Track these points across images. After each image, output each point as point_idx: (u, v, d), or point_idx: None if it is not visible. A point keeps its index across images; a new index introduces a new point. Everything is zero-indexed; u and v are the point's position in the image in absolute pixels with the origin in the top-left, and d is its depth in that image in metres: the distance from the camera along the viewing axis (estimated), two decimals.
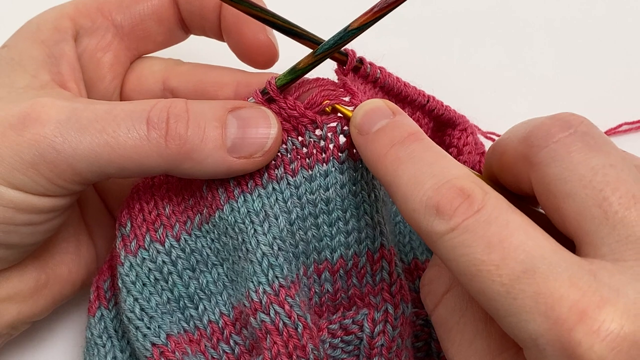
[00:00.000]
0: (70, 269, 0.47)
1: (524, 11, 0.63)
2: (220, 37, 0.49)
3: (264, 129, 0.42)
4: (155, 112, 0.41)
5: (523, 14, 0.63)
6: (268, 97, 0.43)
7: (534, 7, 0.64)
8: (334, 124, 0.44)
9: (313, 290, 0.44)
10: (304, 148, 0.44)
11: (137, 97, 0.50)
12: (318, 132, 0.44)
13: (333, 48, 0.43)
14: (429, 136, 0.49)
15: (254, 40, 0.45)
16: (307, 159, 0.44)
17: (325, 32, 0.44)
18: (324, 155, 0.44)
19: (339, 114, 0.44)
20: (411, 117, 0.49)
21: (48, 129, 0.40)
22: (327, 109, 0.44)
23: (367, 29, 0.42)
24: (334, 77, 0.45)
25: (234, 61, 0.49)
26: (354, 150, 0.44)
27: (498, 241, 0.32)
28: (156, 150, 0.40)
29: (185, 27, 0.50)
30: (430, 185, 0.35)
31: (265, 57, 0.47)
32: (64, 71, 0.45)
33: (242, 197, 0.43)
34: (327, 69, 0.45)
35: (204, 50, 0.53)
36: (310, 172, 0.44)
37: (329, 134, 0.43)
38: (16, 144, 0.39)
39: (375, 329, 0.43)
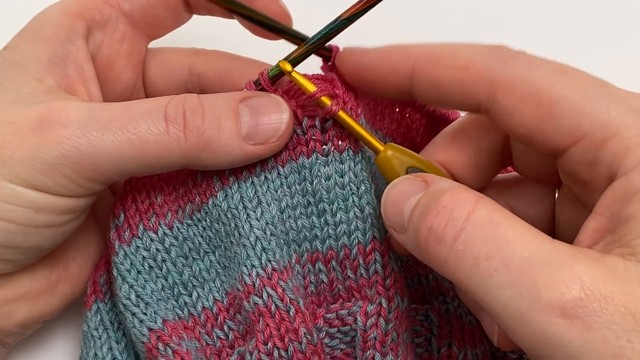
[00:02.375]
0: (80, 267, 0.48)
1: (522, 9, 0.64)
2: (227, 14, 0.49)
3: (276, 114, 0.43)
4: (171, 108, 0.42)
5: (521, 12, 0.64)
6: (260, 87, 0.44)
7: (532, 6, 0.64)
8: (332, 120, 0.44)
9: (308, 279, 0.45)
10: (291, 140, 0.44)
11: (163, 83, 0.51)
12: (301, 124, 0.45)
13: (324, 38, 0.44)
14: (421, 133, 0.50)
15: (266, 11, 0.45)
16: (293, 150, 0.44)
17: (316, 23, 0.45)
18: (307, 147, 0.44)
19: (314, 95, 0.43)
20: (402, 113, 0.50)
21: (70, 131, 0.40)
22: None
23: (357, 19, 0.43)
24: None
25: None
26: (339, 142, 0.44)
27: None
28: (176, 144, 0.41)
29: (189, 7, 0.50)
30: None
31: None
32: (70, 73, 0.45)
33: (236, 185, 0.44)
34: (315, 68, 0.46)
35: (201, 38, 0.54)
36: (296, 163, 0.44)
37: (311, 128, 0.44)
38: (37, 146, 0.40)
39: (368, 322, 0.43)
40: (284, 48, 0.46)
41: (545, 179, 0.43)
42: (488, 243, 0.34)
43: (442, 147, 0.44)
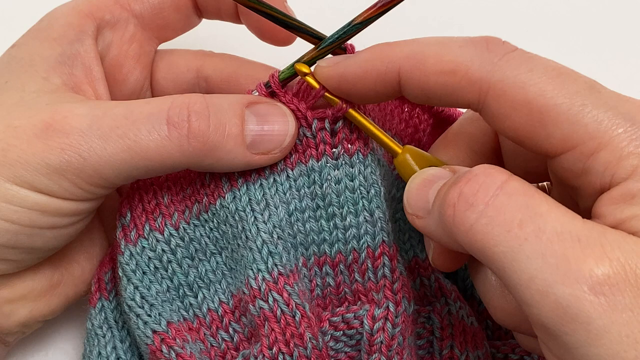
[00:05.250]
0: (83, 267, 0.47)
1: (524, 9, 0.64)
2: (236, 19, 0.49)
3: (282, 125, 0.43)
4: (174, 111, 0.41)
5: (523, 12, 0.64)
6: (271, 90, 0.44)
7: (534, 5, 0.64)
8: (339, 121, 0.44)
9: (315, 282, 0.44)
10: (300, 142, 0.44)
11: (170, 86, 0.50)
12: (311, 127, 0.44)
13: (337, 42, 0.43)
14: (428, 133, 0.50)
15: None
16: (303, 153, 0.44)
17: (329, 27, 0.44)
18: (317, 150, 0.44)
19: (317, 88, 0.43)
20: (411, 112, 0.50)
21: (72, 138, 0.40)
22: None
23: (370, 23, 0.42)
24: None
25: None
26: (349, 146, 0.44)
27: None
28: (178, 149, 0.41)
29: (198, 11, 0.50)
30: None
31: (285, 32, 0.46)
32: (78, 73, 0.45)
33: (245, 186, 0.44)
34: None
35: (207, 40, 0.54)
36: (305, 166, 0.44)
37: (320, 131, 0.44)
38: (42, 151, 0.40)
39: (375, 326, 0.43)
40: (289, 54, 0.46)
41: (535, 179, 0.44)
42: (521, 212, 0.33)
43: (440, 152, 0.44)
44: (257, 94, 0.44)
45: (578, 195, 0.37)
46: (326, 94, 0.43)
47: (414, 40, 0.40)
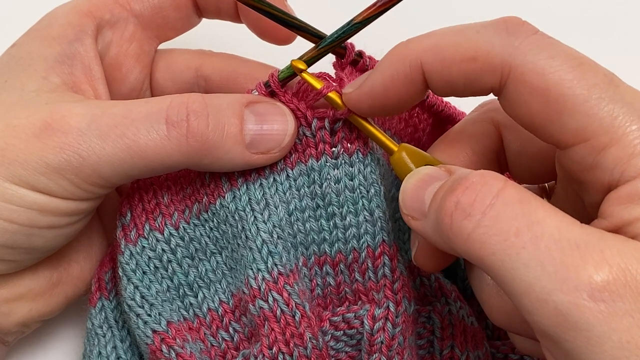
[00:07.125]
0: (82, 267, 0.48)
1: (526, 9, 0.64)
2: (236, 18, 0.49)
3: (281, 124, 0.43)
4: (173, 110, 0.41)
5: (525, 12, 0.63)
6: (270, 89, 0.44)
7: (536, 5, 0.64)
8: (339, 121, 0.44)
9: (315, 282, 0.45)
10: (300, 142, 0.44)
11: (169, 85, 0.50)
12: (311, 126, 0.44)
13: (336, 41, 0.43)
14: (427, 133, 0.50)
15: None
16: (303, 153, 0.44)
17: (329, 26, 0.44)
18: (316, 150, 0.44)
19: (315, 89, 0.43)
20: (410, 112, 0.50)
21: (71, 138, 0.40)
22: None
23: (370, 22, 0.43)
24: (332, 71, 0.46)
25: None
26: (348, 145, 0.44)
27: None
28: (177, 148, 0.41)
29: (198, 11, 0.50)
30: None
31: (285, 31, 0.46)
32: (77, 72, 0.45)
33: (245, 186, 0.44)
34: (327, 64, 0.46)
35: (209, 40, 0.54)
36: (305, 165, 0.44)
37: (320, 130, 0.44)
38: (41, 150, 0.40)
39: (375, 326, 0.43)
40: (289, 53, 0.46)
41: (538, 180, 0.44)
42: (518, 220, 0.33)
43: (441, 151, 0.44)
44: (256, 93, 0.44)
45: (584, 190, 0.37)
46: (328, 94, 0.43)
47: (430, 33, 0.39)
